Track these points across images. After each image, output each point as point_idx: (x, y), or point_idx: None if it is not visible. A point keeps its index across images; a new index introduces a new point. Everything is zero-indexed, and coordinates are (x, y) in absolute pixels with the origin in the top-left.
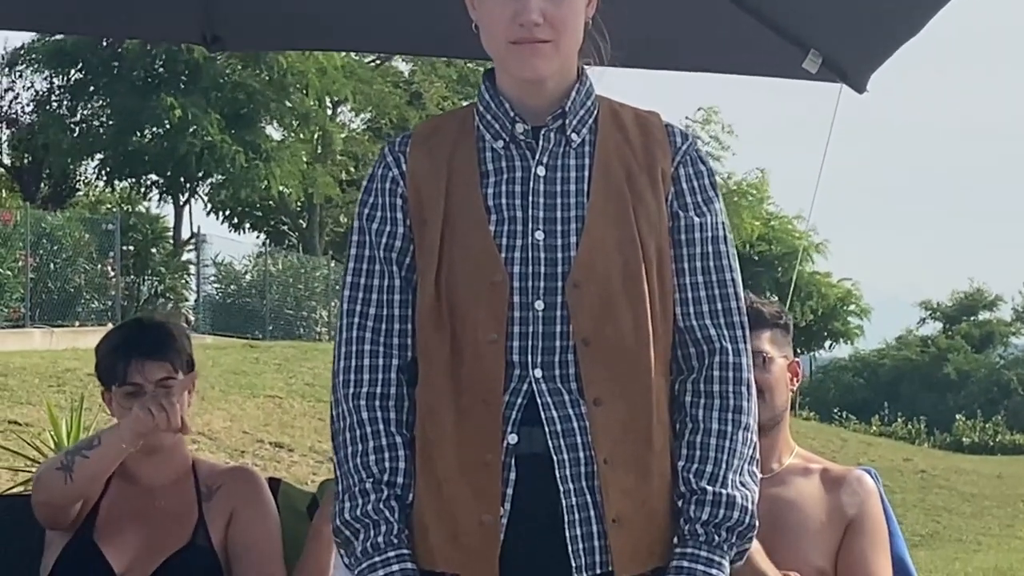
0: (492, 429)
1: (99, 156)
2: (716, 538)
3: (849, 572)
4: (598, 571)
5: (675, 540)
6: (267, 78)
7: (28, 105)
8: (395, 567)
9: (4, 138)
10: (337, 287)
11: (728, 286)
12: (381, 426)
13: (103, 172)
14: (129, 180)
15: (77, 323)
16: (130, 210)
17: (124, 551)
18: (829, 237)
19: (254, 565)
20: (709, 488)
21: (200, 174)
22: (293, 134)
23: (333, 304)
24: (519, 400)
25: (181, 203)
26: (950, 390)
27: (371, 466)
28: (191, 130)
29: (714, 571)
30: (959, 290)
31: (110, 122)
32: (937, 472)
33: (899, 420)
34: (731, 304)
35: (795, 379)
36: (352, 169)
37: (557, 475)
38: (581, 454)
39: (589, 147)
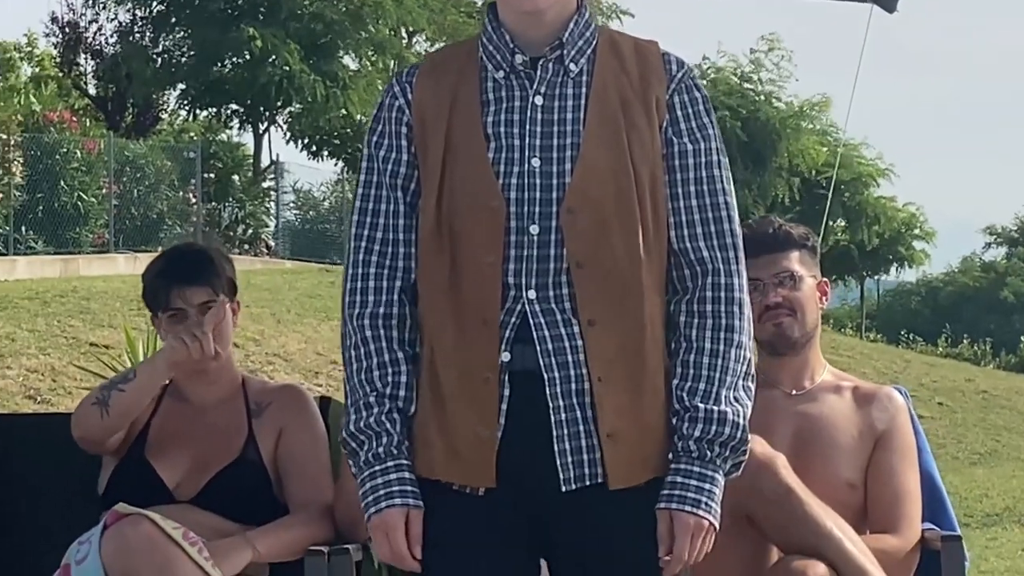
0: (491, 348)
1: (181, 86)
2: (708, 453)
3: (878, 486)
4: (587, 483)
5: (670, 456)
6: (344, 8)
7: (112, 36)
8: (393, 475)
9: (89, 69)
10: None
11: (721, 209)
12: (384, 343)
13: (185, 102)
14: (210, 109)
15: (160, 248)
16: (211, 138)
17: (176, 467)
18: (895, 162)
19: (302, 479)
20: (701, 405)
21: (279, 103)
22: (370, 63)
23: None
24: (513, 319)
25: (261, 131)
26: (1015, 312)
27: (375, 381)
28: (270, 60)
29: (707, 485)
30: (1021, 215)
31: (191, 53)
32: (998, 392)
33: (965, 342)
34: (724, 227)
35: (824, 298)
36: None
37: (547, 392)
38: (572, 372)
39: (587, 76)
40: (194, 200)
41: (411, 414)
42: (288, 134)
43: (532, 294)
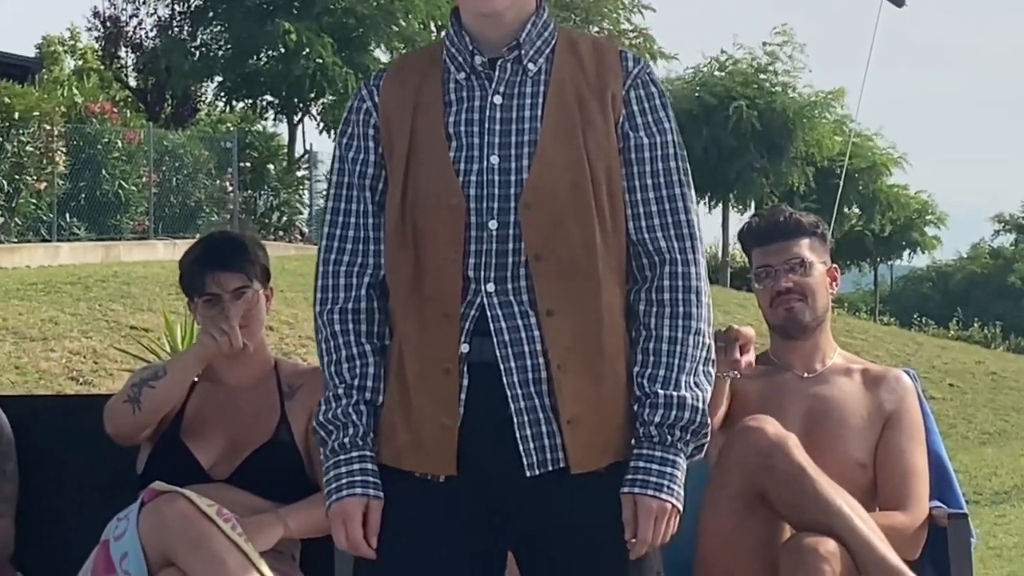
0: (451, 340)
1: (218, 78)
2: (669, 438)
3: (887, 465)
4: (550, 467)
5: (632, 442)
6: (375, 3)
7: (152, 31)
8: (356, 466)
9: (129, 62)
10: None
11: (678, 200)
12: (352, 337)
13: (222, 93)
14: (246, 101)
15: (197, 235)
16: (247, 129)
17: (210, 448)
18: (908, 151)
19: None
20: (661, 391)
21: (312, 95)
22: (400, 57)
23: None
24: (472, 312)
25: (295, 122)
26: (1023, 297)
27: (343, 373)
28: (304, 53)
29: (668, 469)
30: None
31: (228, 46)
32: (1007, 374)
33: (975, 325)
34: (681, 217)
35: (834, 284)
36: None
37: (504, 381)
38: (528, 361)
39: (545, 75)
40: (231, 188)
41: (379, 404)
42: (321, 124)
43: (491, 287)
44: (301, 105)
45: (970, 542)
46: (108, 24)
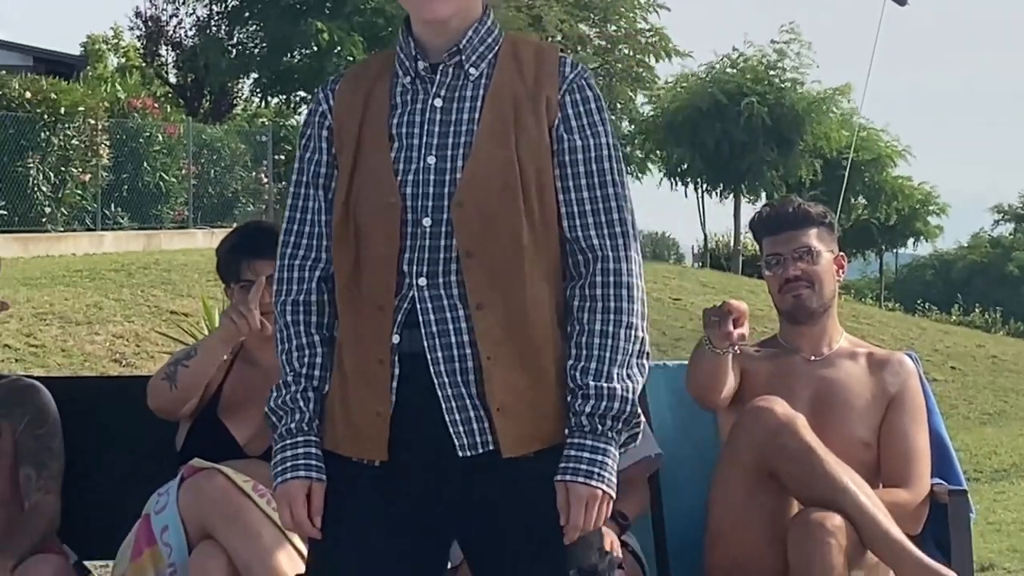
0: (384, 332)
1: (253, 75)
2: (600, 427)
3: (890, 444)
4: (480, 450)
5: (566, 431)
6: None
7: (190, 30)
8: (301, 450)
9: (169, 60)
10: None
11: (611, 200)
12: (302, 328)
13: (257, 89)
14: (280, 96)
15: (234, 224)
16: (281, 123)
17: (246, 426)
18: (912, 144)
19: None
20: (592, 383)
21: None
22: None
23: None
24: (404, 305)
25: None
26: (1022, 284)
27: (293, 362)
28: (336, 51)
29: (599, 457)
30: None
31: (263, 44)
32: (1007, 357)
33: (976, 311)
34: (614, 216)
35: (841, 272)
36: None
37: (432, 371)
38: (456, 352)
39: (486, 80)
40: (266, 180)
41: (325, 392)
42: None
43: (423, 281)
44: None
45: (970, 518)
46: (149, 23)
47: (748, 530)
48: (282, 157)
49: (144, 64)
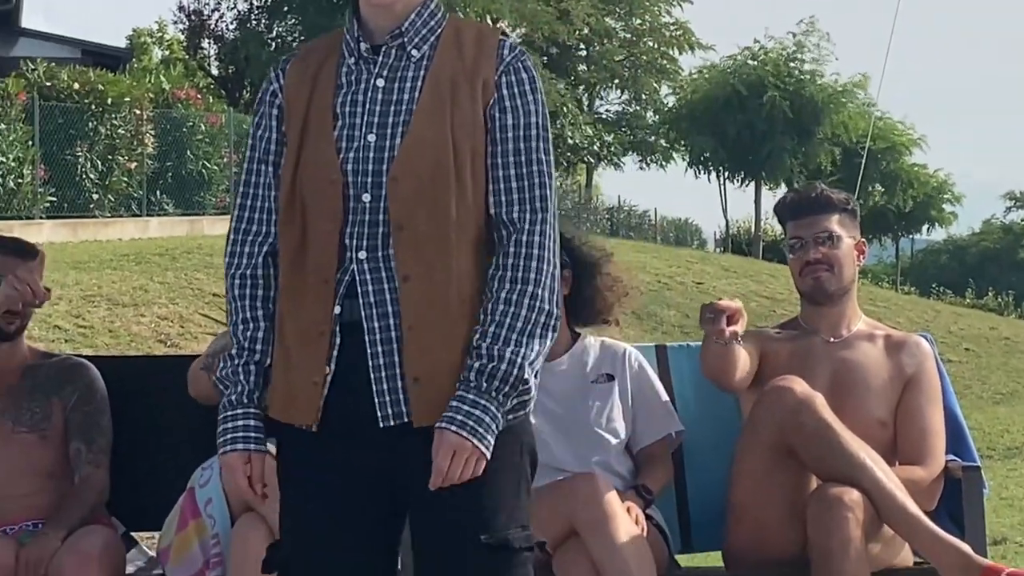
0: (327, 304)
1: None
2: (484, 385)
3: (906, 423)
4: (403, 420)
5: (456, 386)
6: None
7: (232, 23)
8: (240, 422)
9: (211, 52)
10: None
11: (535, 176)
12: (248, 302)
13: None
14: None
15: None
16: None
17: None
18: (927, 133)
19: None
20: (484, 344)
21: None
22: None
23: None
24: (345, 277)
25: None
26: None
27: (238, 335)
28: None
29: (477, 412)
30: None
31: (301, 38)
32: (1020, 339)
33: (989, 294)
34: (536, 192)
35: (861, 257)
36: None
37: (367, 340)
38: (390, 322)
39: (427, 61)
40: None
41: (267, 365)
42: None
43: (362, 254)
44: None
45: (983, 493)
46: (192, 18)
47: (768, 505)
48: None
49: (187, 56)
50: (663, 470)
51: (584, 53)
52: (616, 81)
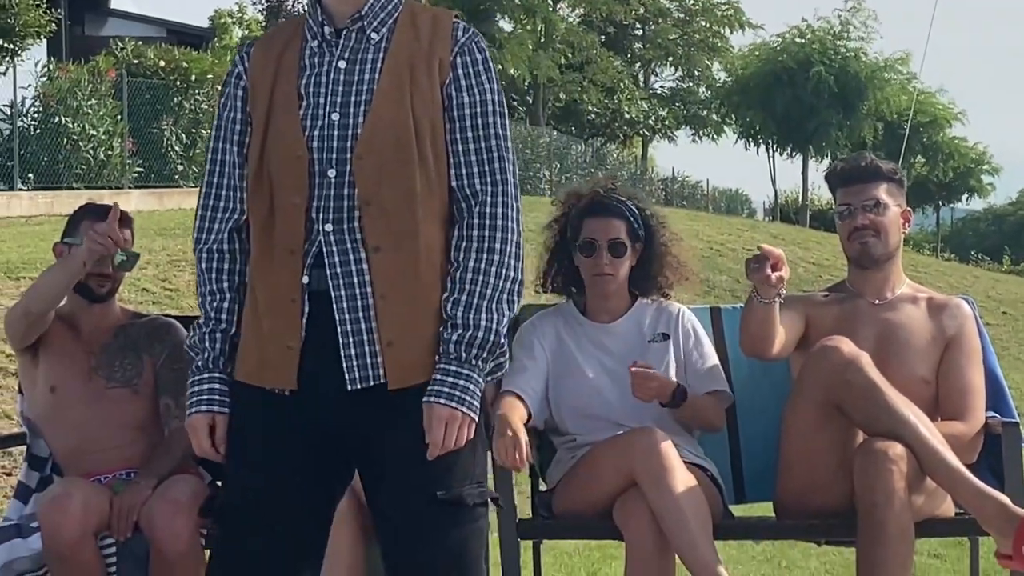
0: (295, 273)
1: None
2: (465, 355)
3: (948, 381)
4: (371, 383)
5: (436, 359)
6: None
7: (304, 5)
8: (205, 386)
9: None
10: (556, 153)
11: (494, 151)
12: (214, 275)
13: None
14: None
15: None
16: None
17: None
18: (967, 107)
19: None
20: (460, 314)
21: None
22: (521, 26)
23: (555, 165)
24: (313, 248)
25: None
26: None
27: (205, 306)
28: None
29: (462, 382)
30: None
31: None
32: None
33: None
34: (496, 166)
35: (906, 224)
36: (569, 55)
37: (335, 307)
38: (357, 291)
39: (386, 43)
40: None
41: (232, 334)
42: None
43: (328, 227)
44: None
45: (1022, 447)
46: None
47: (817, 458)
48: None
49: None
50: (712, 408)
51: (640, 32)
52: (670, 59)
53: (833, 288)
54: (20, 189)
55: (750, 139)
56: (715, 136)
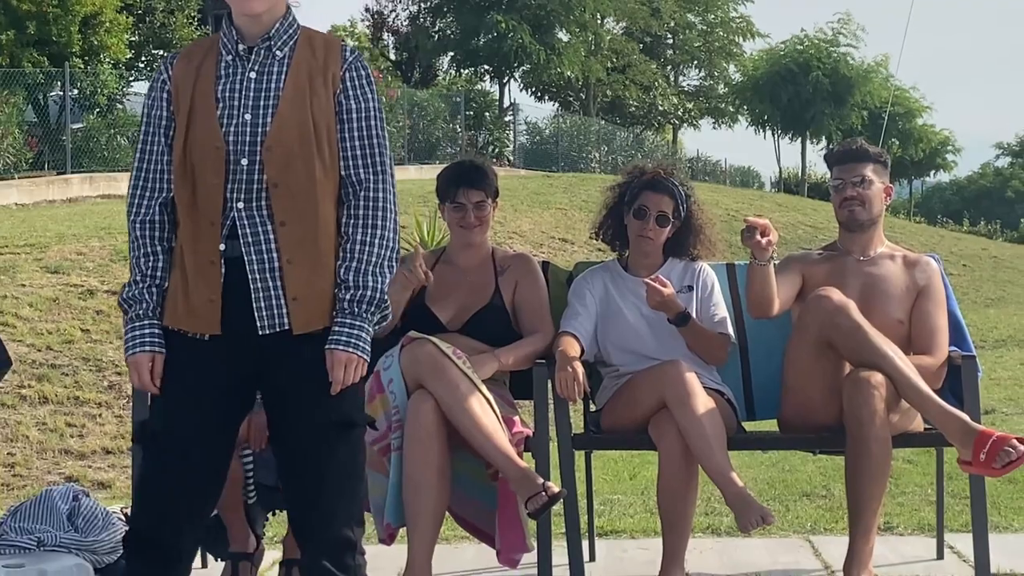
0: (215, 241)
1: (451, 54)
2: (356, 309)
3: (919, 323)
4: (278, 329)
5: (333, 314)
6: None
7: (405, 21)
8: (146, 331)
9: (390, 43)
10: (604, 139)
11: (375, 147)
12: (148, 241)
13: (453, 64)
14: (470, 69)
15: (437, 162)
16: (471, 89)
17: (446, 310)
18: (935, 99)
19: (531, 315)
20: (351, 278)
21: (515, 64)
22: (575, 37)
23: (603, 148)
24: (227, 222)
25: (503, 83)
26: (1016, 203)
27: (140, 266)
28: (510, 36)
29: (355, 332)
30: (1021, 133)
31: (458, 31)
32: (1005, 257)
33: (981, 223)
34: (376, 159)
35: (887, 198)
36: (614, 60)
37: (247, 270)
38: (265, 256)
39: (288, 59)
40: (459, 129)
41: (164, 288)
42: (521, 85)
43: (240, 204)
44: (507, 72)
45: (977, 375)
46: (375, 16)
47: (813, 385)
48: (471, 113)
49: (371, 46)
50: (716, 340)
51: (671, 41)
52: (695, 62)
53: (826, 247)
54: None
55: (759, 126)
56: (731, 124)
